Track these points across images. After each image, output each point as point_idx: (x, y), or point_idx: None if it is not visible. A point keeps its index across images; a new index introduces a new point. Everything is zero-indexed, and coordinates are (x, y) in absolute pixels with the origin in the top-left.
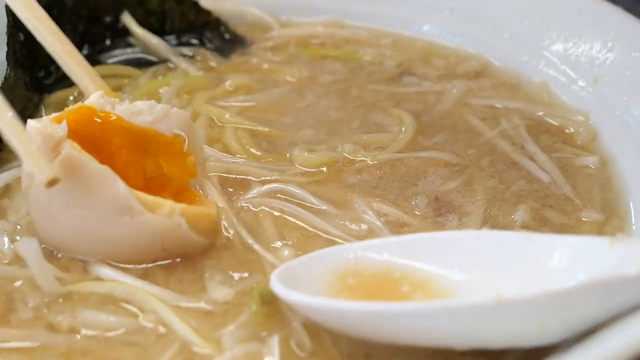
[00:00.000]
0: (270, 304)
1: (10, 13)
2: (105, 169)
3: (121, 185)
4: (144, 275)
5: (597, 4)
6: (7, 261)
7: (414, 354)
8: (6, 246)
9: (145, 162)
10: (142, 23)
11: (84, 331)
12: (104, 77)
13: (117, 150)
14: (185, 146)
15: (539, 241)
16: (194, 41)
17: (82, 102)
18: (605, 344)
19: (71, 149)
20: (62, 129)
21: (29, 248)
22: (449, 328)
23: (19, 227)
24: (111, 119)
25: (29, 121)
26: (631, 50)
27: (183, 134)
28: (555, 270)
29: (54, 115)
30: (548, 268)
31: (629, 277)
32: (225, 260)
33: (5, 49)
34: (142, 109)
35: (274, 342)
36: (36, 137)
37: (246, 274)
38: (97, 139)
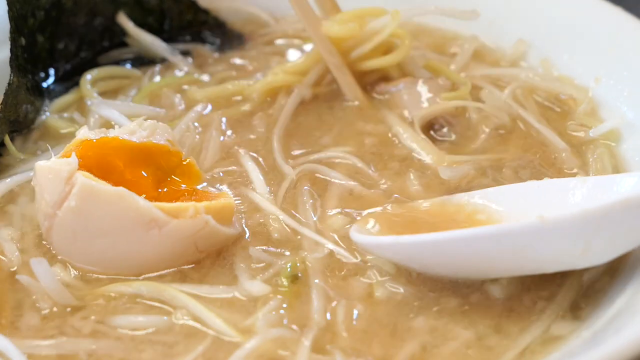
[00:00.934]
0: (300, 282)
1: (12, 18)
2: (122, 190)
3: (141, 201)
4: (180, 279)
5: (597, 4)
6: (14, 269)
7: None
8: (16, 254)
9: (155, 174)
10: (141, 23)
11: (109, 332)
12: (103, 79)
13: (125, 169)
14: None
15: (590, 182)
16: (192, 39)
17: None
18: (606, 344)
19: (84, 178)
20: (72, 161)
21: (40, 269)
22: (499, 251)
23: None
24: (111, 142)
25: (37, 163)
26: (631, 51)
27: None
28: (597, 194)
29: (60, 154)
30: (591, 194)
31: None
32: (256, 249)
33: (6, 49)
34: (134, 128)
35: (305, 324)
36: (48, 175)
37: (277, 260)
38: (104, 165)
